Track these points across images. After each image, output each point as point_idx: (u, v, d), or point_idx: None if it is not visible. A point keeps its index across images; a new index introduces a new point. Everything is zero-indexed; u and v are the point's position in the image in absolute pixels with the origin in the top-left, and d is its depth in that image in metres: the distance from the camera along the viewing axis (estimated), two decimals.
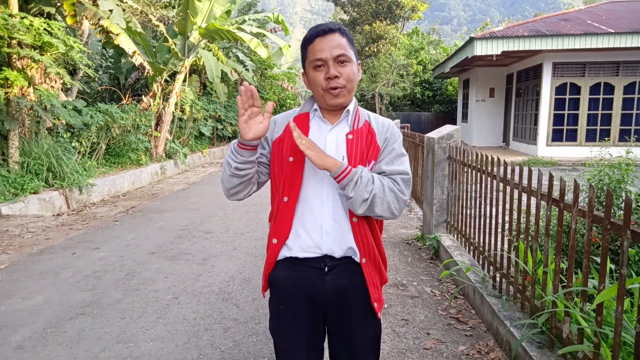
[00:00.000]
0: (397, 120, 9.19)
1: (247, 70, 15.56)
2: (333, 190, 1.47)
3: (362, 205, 1.40)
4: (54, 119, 7.46)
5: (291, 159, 1.48)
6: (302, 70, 1.57)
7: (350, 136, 1.49)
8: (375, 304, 1.51)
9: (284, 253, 1.52)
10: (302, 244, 1.49)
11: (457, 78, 22.41)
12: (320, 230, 1.47)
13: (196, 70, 14.23)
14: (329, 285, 1.49)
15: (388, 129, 1.54)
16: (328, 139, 1.50)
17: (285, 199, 1.49)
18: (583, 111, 12.97)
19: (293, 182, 1.48)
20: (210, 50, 12.29)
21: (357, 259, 1.50)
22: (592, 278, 2.54)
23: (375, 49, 24.57)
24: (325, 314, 1.53)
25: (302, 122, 1.54)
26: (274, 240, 1.53)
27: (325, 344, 1.61)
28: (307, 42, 1.47)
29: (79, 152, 8.19)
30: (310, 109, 1.55)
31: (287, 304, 1.53)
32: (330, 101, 1.47)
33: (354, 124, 1.51)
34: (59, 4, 8.40)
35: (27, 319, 3.27)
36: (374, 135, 1.51)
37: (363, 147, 1.48)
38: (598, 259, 2.71)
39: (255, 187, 1.58)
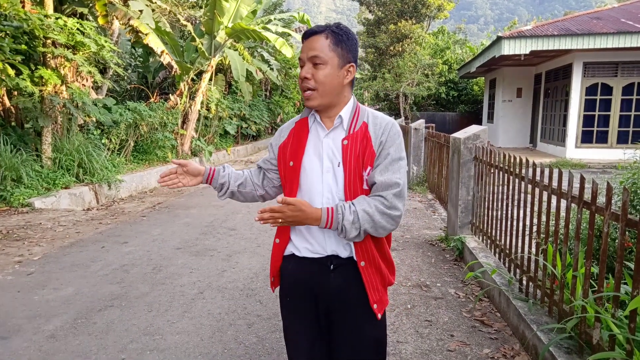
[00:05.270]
0: (422, 120, 9.05)
1: (271, 69, 15.66)
2: (332, 194, 1.49)
3: (356, 239, 1.44)
4: (85, 116, 7.68)
5: (291, 163, 1.54)
6: None
7: (346, 142, 1.47)
8: (375, 306, 1.53)
9: (291, 249, 1.59)
10: (308, 245, 1.55)
11: (483, 78, 22.03)
12: (323, 232, 1.52)
13: (222, 69, 14.42)
14: (333, 282, 1.53)
15: (384, 132, 1.48)
16: (325, 145, 1.51)
17: None
18: (615, 112, 12.56)
19: (292, 185, 1.54)
20: (236, 49, 12.43)
21: None
22: (625, 284, 2.47)
23: (400, 49, 24.37)
24: (328, 309, 1.57)
25: (302, 127, 1.58)
26: (277, 240, 1.62)
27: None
28: None
29: (108, 149, 8.41)
30: (309, 113, 1.57)
31: (292, 295, 1.62)
32: (305, 102, 1.50)
33: (350, 128, 1.49)
34: (91, 5, 8.64)
35: (59, 309, 3.38)
36: (370, 140, 1.47)
37: (358, 153, 1.46)
38: (630, 264, 2.64)
39: (262, 191, 1.71)
